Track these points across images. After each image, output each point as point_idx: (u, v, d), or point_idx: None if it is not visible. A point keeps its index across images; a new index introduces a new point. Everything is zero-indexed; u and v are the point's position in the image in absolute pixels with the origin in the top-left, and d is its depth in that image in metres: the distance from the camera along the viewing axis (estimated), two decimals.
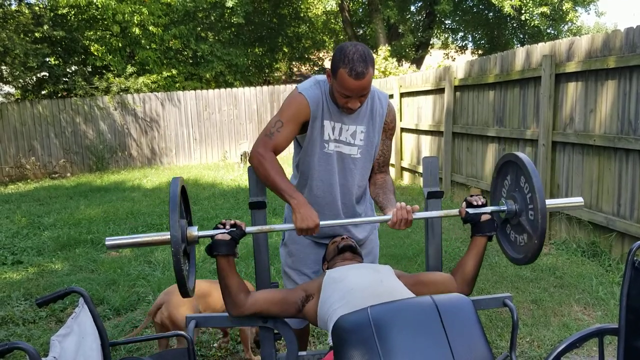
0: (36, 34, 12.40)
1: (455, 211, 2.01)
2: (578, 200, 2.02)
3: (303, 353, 2.23)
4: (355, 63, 1.89)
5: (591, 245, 4.55)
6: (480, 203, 2.00)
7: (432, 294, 1.98)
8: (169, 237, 1.75)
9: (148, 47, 13.90)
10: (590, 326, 1.89)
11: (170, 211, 1.72)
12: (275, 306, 1.93)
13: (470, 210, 1.98)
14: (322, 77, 2.15)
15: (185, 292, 1.77)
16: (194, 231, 1.84)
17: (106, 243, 1.84)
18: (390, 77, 10.40)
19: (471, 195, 2.06)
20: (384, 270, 1.95)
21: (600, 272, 4.15)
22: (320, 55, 21.73)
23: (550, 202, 1.97)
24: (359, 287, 1.78)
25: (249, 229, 1.93)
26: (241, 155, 12.50)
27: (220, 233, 1.88)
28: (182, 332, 1.94)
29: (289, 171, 2.33)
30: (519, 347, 3.08)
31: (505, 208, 1.97)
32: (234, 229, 1.89)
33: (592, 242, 4.56)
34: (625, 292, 1.67)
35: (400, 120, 9.09)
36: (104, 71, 13.83)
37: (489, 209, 1.99)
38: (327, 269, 2.12)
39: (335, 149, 2.15)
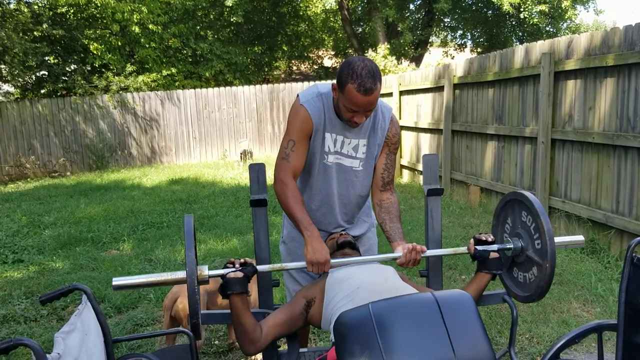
0: (35, 33, 12.38)
1: (464, 249, 2.04)
2: (579, 238, 2.05)
3: (304, 350, 2.25)
4: (364, 79, 1.89)
5: (590, 243, 4.57)
6: (489, 240, 2.02)
7: None
8: (183, 277, 1.75)
9: (147, 45, 13.89)
10: (589, 322, 1.91)
11: (186, 254, 1.70)
12: (285, 327, 1.94)
13: (479, 247, 2.01)
14: (324, 87, 2.15)
15: (196, 327, 1.72)
16: (204, 271, 1.81)
17: (113, 284, 1.79)
18: (390, 75, 10.40)
19: (480, 233, 2.08)
20: (387, 270, 1.98)
21: (599, 269, 4.16)
22: (320, 53, 21.72)
23: None
24: (365, 285, 1.79)
25: (260, 267, 1.93)
26: (241, 154, 12.51)
27: (232, 271, 1.85)
28: (185, 329, 1.96)
29: None
30: (518, 343, 3.10)
31: (512, 245, 1.97)
32: (246, 267, 1.88)
33: (591, 240, 4.57)
34: (624, 287, 1.69)
35: (400, 118, 9.10)
36: (104, 70, 13.82)
37: (495, 246, 2.01)
38: None
39: (335, 161, 2.18)
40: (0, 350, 1.29)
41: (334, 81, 2.05)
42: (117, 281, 1.79)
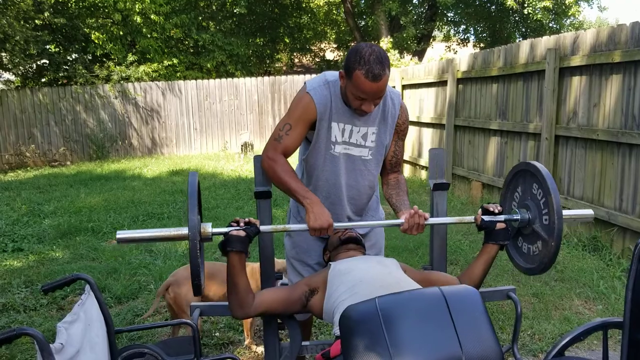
0: (37, 21, 12.30)
1: (470, 218, 2.01)
2: (588, 212, 2.03)
3: (306, 343, 2.24)
4: (372, 65, 1.86)
5: (592, 240, 4.56)
6: (497, 211, 2.00)
7: None
8: (186, 233, 1.73)
9: (149, 35, 13.82)
10: (591, 320, 1.90)
11: (189, 209, 1.69)
12: (280, 305, 1.93)
13: (486, 218, 1.98)
14: (332, 75, 2.11)
15: (198, 288, 1.74)
16: (207, 228, 1.81)
17: (117, 237, 1.78)
18: (392, 69, 10.37)
19: (488, 203, 2.06)
20: (390, 263, 1.96)
21: (601, 267, 4.16)
22: (322, 46, 21.63)
23: None
24: (367, 278, 1.78)
25: (263, 227, 1.92)
26: (241, 146, 12.48)
27: (235, 230, 1.86)
28: (188, 320, 1.95)
29: (294, 163, 2.32)
30: (520, 340, 3.09)
31: (519, 216, 1.96)
32: (249, 227, 1.88)
33: (594, 237, 4.56)
34: (630, 285, 1.67)
35: None
36: (105, 59, 13.76)
37: (502, 217, 1.99)
38: (330, 260, 2.12)
39: (343, 151, 2.13)
40: (3, 339, 1.28)
41: (342, 69, 2.00)
42: (121, 234, 1.79)
